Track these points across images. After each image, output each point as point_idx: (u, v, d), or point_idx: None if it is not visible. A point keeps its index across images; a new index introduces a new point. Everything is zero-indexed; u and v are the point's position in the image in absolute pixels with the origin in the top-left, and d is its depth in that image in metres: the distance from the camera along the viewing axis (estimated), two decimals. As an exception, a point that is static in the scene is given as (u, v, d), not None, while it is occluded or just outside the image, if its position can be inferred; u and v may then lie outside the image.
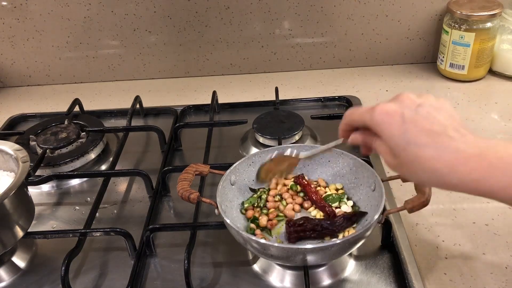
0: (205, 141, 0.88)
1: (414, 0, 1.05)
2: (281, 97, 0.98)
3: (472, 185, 0.44)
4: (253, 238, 0.55)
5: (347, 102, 0.99)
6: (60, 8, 1.07)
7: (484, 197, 0.45)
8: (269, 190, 0.69)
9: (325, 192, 0.68)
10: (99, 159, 0.90)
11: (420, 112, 0.47)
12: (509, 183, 0.42)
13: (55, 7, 1.07)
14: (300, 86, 1.09)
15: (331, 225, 0.61)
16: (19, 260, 0.69)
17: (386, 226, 0.65)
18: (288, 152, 0.67)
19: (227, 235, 0.63)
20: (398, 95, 0.50)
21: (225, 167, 0.68)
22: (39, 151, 0.86)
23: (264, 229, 0.64)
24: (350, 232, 0.61)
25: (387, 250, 0.66)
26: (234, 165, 0.67)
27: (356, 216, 0.63)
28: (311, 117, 0.91)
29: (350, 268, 0.64)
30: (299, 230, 0.61)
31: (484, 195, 0.44)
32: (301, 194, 0.68)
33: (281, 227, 0.64)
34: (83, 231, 0.68)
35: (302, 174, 0.70)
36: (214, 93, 1.00)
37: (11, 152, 0.69)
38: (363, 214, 0.63)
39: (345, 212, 0.65)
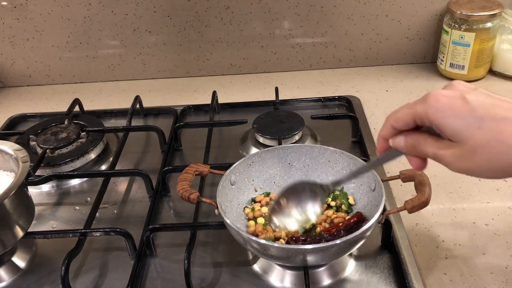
0: (205, 141, 0.88)
1: (414, 0, 1.05)
2: (281, 97, 0.98)
3: None
4: (253, 238, 0.55)
5: (347, 102, 0.99)
6: (60, 8, 1.07)
7: None
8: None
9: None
10: (99, 159, 0.90)
11: (480, 93, 0.42)
12: None
13: (55, 7, 1.07)
14: (300, 86, 1.09)
15: (332, 237, 0.60)
16: (19, 260, 0.69)
17: (386, 226, 0.65)
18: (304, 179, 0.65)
19: (227, 235, 0.63)
20: (449, 83, 0.44)
21: (225, 167, 0.68)
22: (39, 151, 0.86)
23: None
24: None
25: (387, 250, 0.66)
26: (234, 165, 0.67)
27: (356, 224, 0.61)
28: (311, 117, 0.91)
29: (350, 268, 0.64)
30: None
31: None
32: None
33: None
34: (83, 231, 0.68)
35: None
36: (214, 93, 1.00)
37: (11, 152, 0.69)
38: (363, 219, 0.62)
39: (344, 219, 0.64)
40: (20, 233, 0.65)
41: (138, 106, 1.00)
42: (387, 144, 0.48)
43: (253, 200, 0.69)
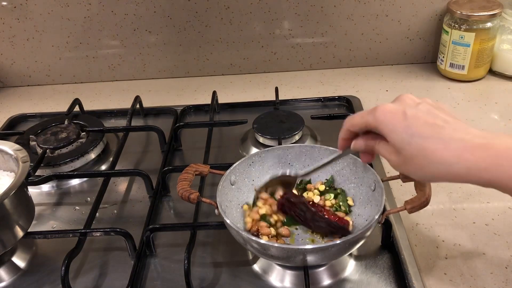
0: (205, 141, 0.88)
1: (414, 0, 1.05)
2: (281, 97, 0.98)
3: (479, 174, 0.44)
4: (253, 238, 0.55)
5: (347, 102, 0.99)
6: (60, 8, 1.07)
7: (491, 187, 0.45)
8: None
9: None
10: (99, 159, 0.90)
11: (421, 109, 0.48)
12: None
13: (55, 7, 1.07)
14: (300, 86, 1.09)
15: (311, 220, 0.62)
16: (19, 260, 0.69)
17: (386, 226, 0.65)
18: (286, 172, 0.67)
19: (227, 235, 0.63)
20: (399, 96, 0.52)
21: (225, 167, 0.68)
22: (39, 151, 0.86)
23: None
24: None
25: (387, 250, 0.66)
26: (234, 165, 0.67)
27: (337, 229, 0.61)
28: (311, 117, 0.91)
29: (350, 268, 0.64)
30: (287, 206, 0.64)
31: (491, 185, 0.45)
32: None
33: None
34: (83, 231, 0.68)
35: (287, 196, 0.65)
36: (214, 93, 1.00)
37: (11, 152, 0.69)
38: (346, 232, 0.61)
39: (336, 216, 0.64)
40: (20, 233, 0.65)
41: (138, 106, 1.00)
42: (346, 143, 0.56)
43: (257, 197, 0.68)
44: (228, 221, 0.57)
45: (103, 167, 0.88)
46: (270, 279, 0.63)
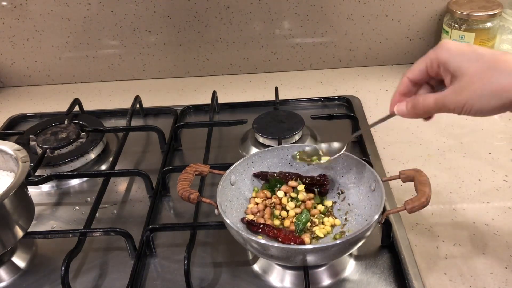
0: (205, 141, 0.88)
1: (414, 0, 1.05)
2: (281, 97, 0.98)
3: None
4: (253, 238, 0.55)
5: (347, 102, 0.99)
6: (60, 8, 1.07)
7: None
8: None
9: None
10: (99, 159, 0.90)
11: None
12: None
13: (55, 7, 1.07)
14: (300, 86, 1.09)
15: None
16: (19, 260, 0.69)
17: (386, 226, 0.65)
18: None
19: (227, 235, 0.63)
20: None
21: (225, 167, 0.68)
22: (39, 151, 0.86)
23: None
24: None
25: (387, 250, 0.66)
26: (234, 165, 0.67)
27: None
28: (311, 117, 0.91)
29: (350, 268, 0.64)
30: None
31: None
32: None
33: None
34: (83, 231, 0.68)
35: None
36: (214, 93, 1.00)
37: (11, 152, 0.69)
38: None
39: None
40: (20, 233, 0.65)
41: (138, 106, 1.00)
42: (400, 99, 0.55)
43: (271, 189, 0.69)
44: (228, 221, 0.57)
45: (103, 167, 0.88)
46: (270, 279, 0.63)
